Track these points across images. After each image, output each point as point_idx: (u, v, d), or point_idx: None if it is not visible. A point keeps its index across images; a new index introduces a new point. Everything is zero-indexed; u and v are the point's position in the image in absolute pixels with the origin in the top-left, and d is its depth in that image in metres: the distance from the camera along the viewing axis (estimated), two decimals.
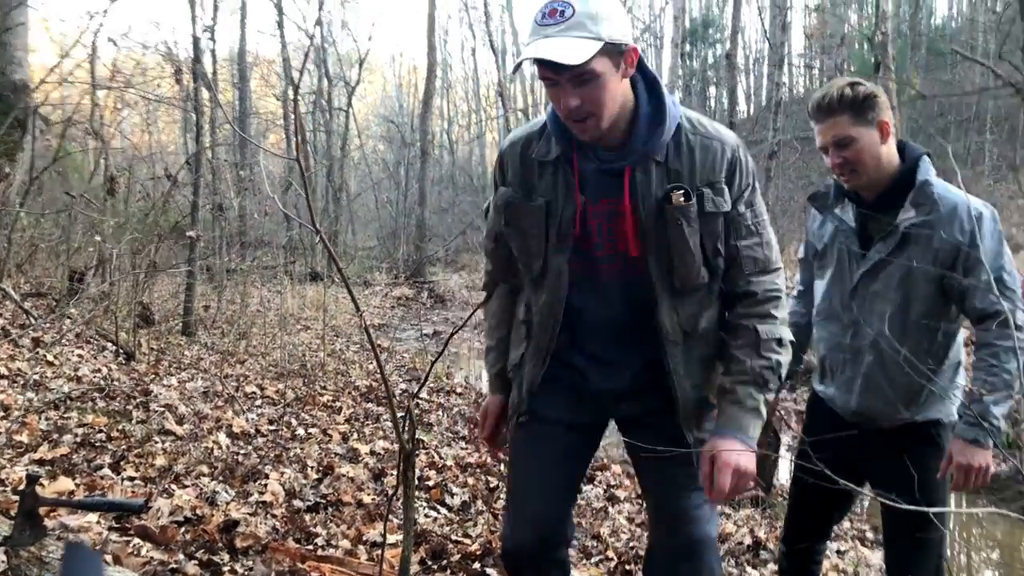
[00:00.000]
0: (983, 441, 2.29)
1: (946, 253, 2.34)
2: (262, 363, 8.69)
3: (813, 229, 2.72)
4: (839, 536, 5.00)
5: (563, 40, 1.71)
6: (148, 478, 3.92)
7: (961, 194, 2.35)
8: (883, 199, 2.44)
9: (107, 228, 8.03)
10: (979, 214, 2.33)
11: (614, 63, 1.79)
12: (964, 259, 2.32)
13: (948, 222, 2.33)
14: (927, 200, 2.35)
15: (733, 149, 1.95)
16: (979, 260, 2.26)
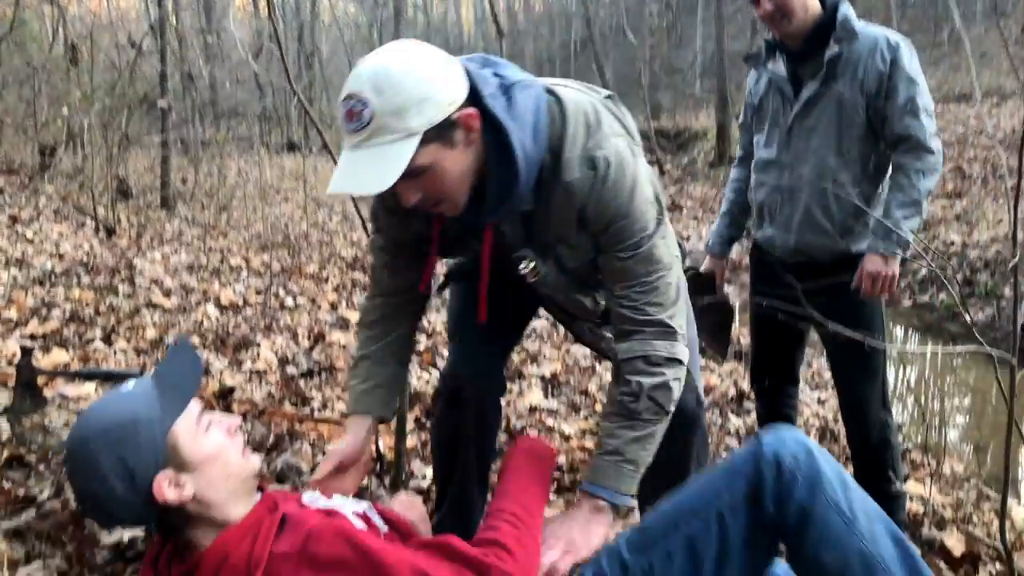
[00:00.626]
0: (890, 252, 2.48)
1: (870, 81, 2.49)
2: (245, 235, 8.65)
3: (751, 88, 2.88)
4: (820, 385, 5.18)
5: (367, 153, 1.42)
6: (140, 349, 3.96)
7: (879, 28, 2.55)
8: (809, 43, 2.59)
9: (74, 100, 7.77)
10: (897, 43, 2.49)
11: (445, 142, 1.47)
12: (885, 85, 2.48)
13: (870, 53, 2.50)
14: (848, 34, 2.52)
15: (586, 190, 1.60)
16: (897, 86, 2.45)
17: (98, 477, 1.18)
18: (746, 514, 1.43)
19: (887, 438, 2.68)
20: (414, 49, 1.47)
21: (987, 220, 8.26)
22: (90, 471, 1.19)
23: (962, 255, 7.61)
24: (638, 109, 22.16)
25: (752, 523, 1.43)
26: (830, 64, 2.54)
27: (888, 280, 2.51)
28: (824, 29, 2.56)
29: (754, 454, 1.45)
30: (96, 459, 1.19)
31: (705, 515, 1.45)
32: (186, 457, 1.24)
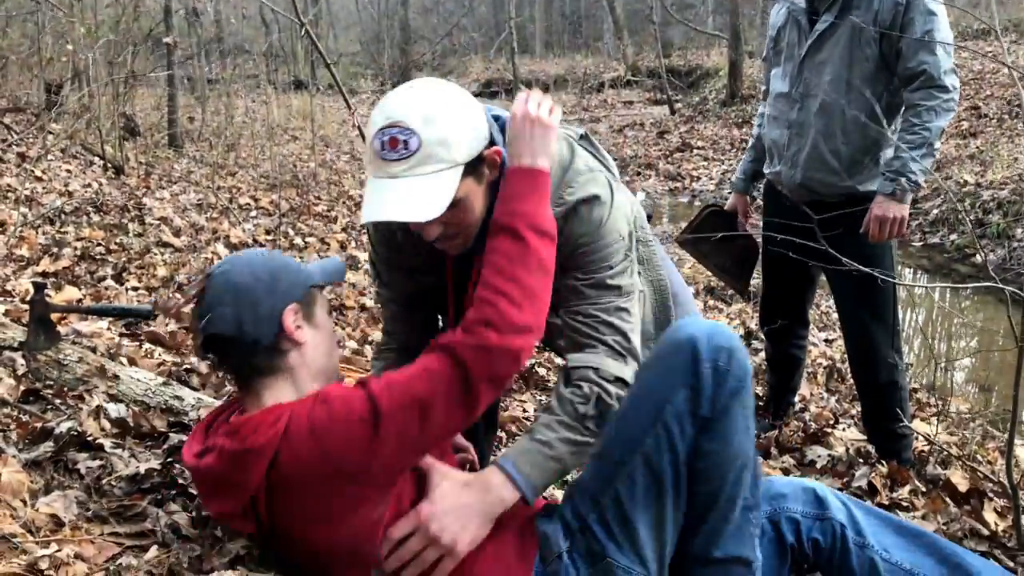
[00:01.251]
0: (900, 195, 2.45)
1: (886, 12, 2.44)
2: (253, 175, 8.62)
3: (772, 20, 2.85)
4: (827, 326, 5.19)
5: (412, 182, 1.43)
6: (151, 288, 3.98)
7: None
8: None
9: (78, 36, 7.66)
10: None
11: (476, 176, 1.52)
12: (901, 17, 2.42)
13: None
14: None
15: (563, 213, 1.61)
16: (913, 19, 2.40)
17: (249, 288, 1.43)
18: (688, 418, 1.46)
19: (895, 379, 2.69)
20: (447, 85, 1.52)
21: (1002, 160, 8.14)
22: (245, 282, 1.44)
23: (975, 195, 7.53)
24: (649, 46, 21.78)
25: (692, 427, 1.47)
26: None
27: (897, 223, 2.49)
28: None
29: (692, 358, 1.46)
30: (255, 272, 1.46)
31: (654, 429, 1.47)
32: (312, 311, 1.51)
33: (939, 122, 2.41)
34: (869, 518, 1.67)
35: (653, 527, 1.49)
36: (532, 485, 1.52)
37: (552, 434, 1.56)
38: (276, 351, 1.46)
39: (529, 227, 1.46)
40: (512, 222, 1.46)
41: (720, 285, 5.71)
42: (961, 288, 4.44)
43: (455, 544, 1.43)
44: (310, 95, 12.09)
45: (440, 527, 1.43)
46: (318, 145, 10.88)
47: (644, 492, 1.47)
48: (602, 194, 1.64)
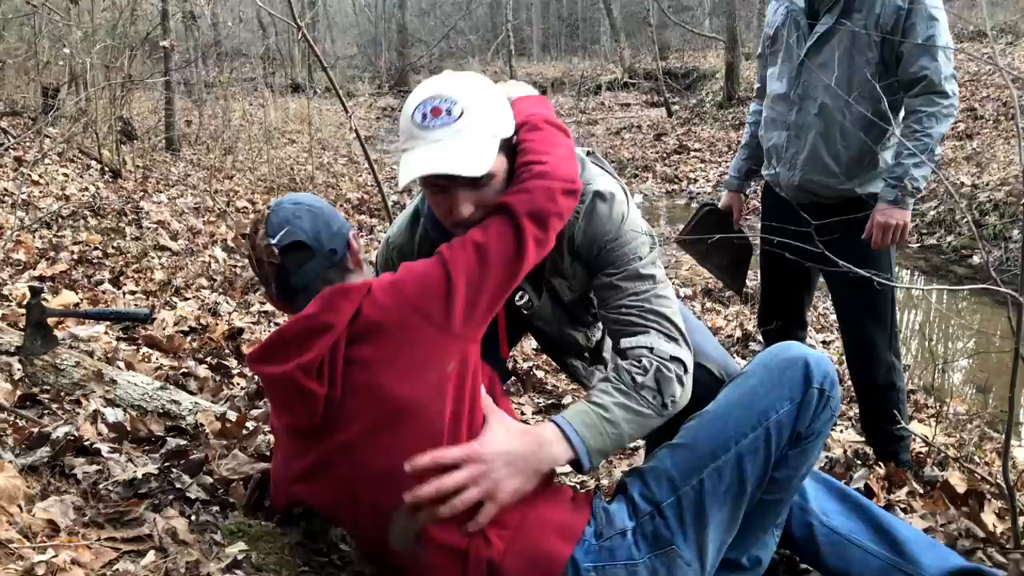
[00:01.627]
0: (902, 201, 2.45)
1: (887, 16, 2.42)
2: (250, 177, 8.62)
3: (769, 18, 2.81)
4: (824, 328, 5.19)
5: (458, 143, 1.48)
6: (149, 292, 3.98)
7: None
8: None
9: (75, 40, 7.66)
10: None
11: (507, 156, 1.57)
12: (903, 22, 2.41)
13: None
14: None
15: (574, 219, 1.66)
16: (915, 24, 2.39)
17: (319, 207, 1.58)
18: (788, 430, 1.50)
19: (893, 381, 2.69)
20: (478, 75, 1.60)
21: (998, 161, 8.16)
22: (314, 203, 1.59)
23: (972, 197, 7.54)
24: (646, 49, 21.79)
25: (788, 440, 1.51)
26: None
27: (900, 230, 2.48)
28: None
29: (804, 377, 1.51)
30: (316, 201, 1.61)
31: (755, 432, 1.50)
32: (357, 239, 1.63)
33: (940, 128, 2.41)
34: (816, 484, 1.73)
35: (723, 527, 1.51)
36: (586, 447, 1.50)
37: (609, 398, 1.55)
38: (345, 269, 1.56)
39: (547, 121, 1.63)
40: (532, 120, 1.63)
41: (718, 286, 5.72)
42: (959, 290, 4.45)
43: (497, 490, 1.42)
44: (307, 98, 12.08)
45: (487, 468, 1.41)
46: (316, 148, 10.87)
47: (726, 490, 1.50)
48: (618, 193, 1.69)
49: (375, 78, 23.11)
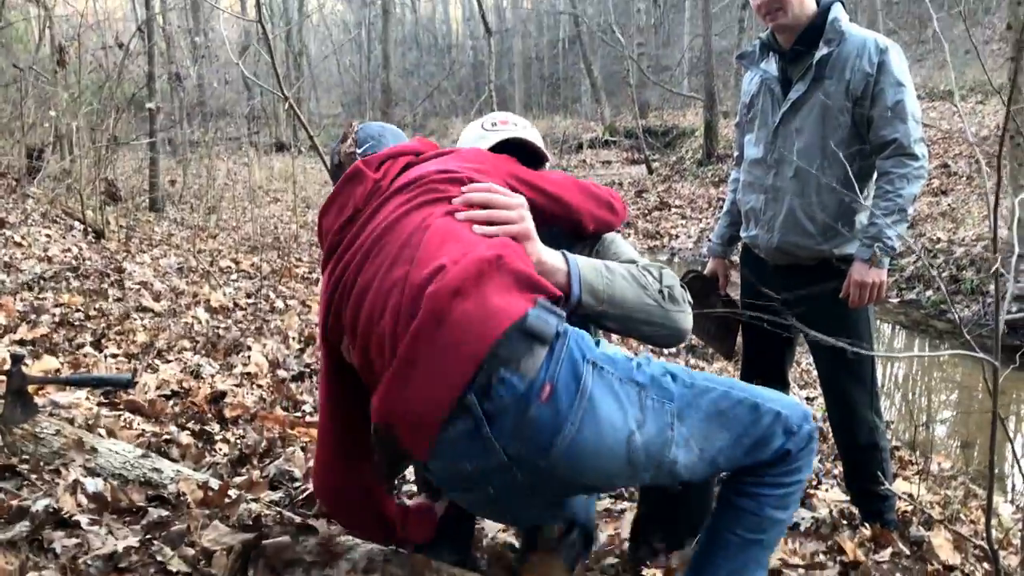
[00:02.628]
0: (877, 260, 2.49)
1: (857, 83, 2.51)
2: (234, 237, 8.63)
3: (745, 87, 2.90)
4: (808, 384, 5.21)
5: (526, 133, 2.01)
6: (131, 354, 3.95)
7: (869, 32, 2.58)
8: (801, 42, 2.62)
9: (61, 102, 7.73)
10: (886, 47, 2.51)
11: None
12: (872, 88, 2.50)
13: (858, 54, 2.52)
14: (837, 35, 2.55)
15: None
16: (884, 90, 2.48)
17: (395, 129, 1.98)
18: (781, 439, 1.55)
19: (876, 441, 2.70)
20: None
21: (973, 217, 8.31)
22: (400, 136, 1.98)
23: (948, 252, 7.66)
24: (626, 107, 22.17)
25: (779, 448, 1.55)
26: (819, 65, 2.57)
27: (876, 289, 2.53)
28: (816, 30, 2.58)
29: (808, 439, 1.58)
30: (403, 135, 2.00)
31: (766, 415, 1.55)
32: None
33: (911, 189, 2.47)
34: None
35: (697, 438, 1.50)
36: (580, 271, 1.63)
37: (613, 263, 1.74)
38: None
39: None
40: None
41: (702, 343, 5.74)
42: (936, 355, 4.50)
43: (522, 218, 1.62)
44: (292, 157, 12.18)
45: (527, 216, 1.64)
46: (300, 206, 10.93)
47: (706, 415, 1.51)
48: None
49: None
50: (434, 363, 1.38)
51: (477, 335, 1.37)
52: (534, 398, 1.36)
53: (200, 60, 13.58)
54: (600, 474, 1.43)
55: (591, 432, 1.37)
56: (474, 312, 1.39)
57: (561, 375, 1.38)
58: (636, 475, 1.46)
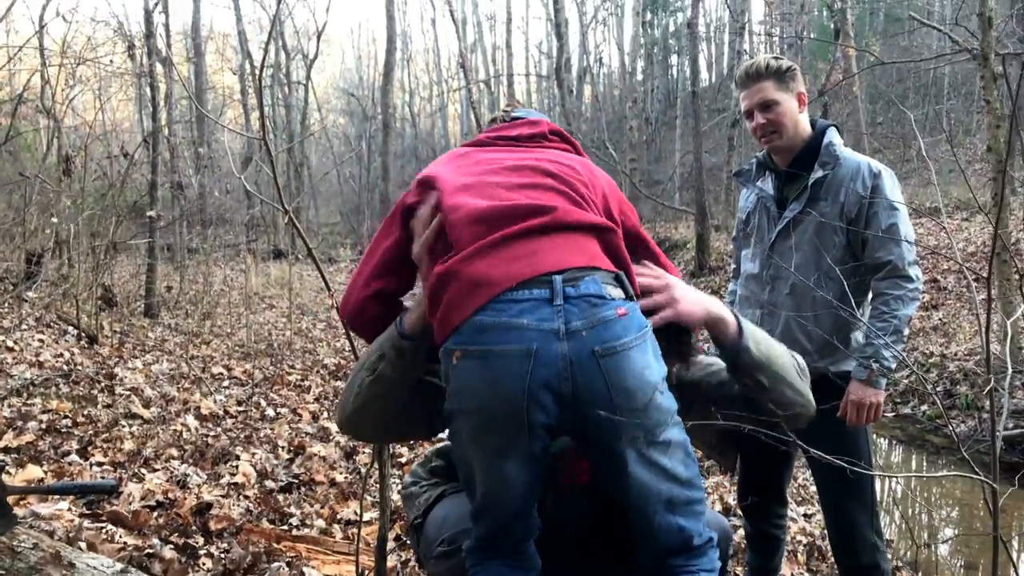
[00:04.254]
0: (874, 380, 2.51)
1: (851, 205, 2.58)
2: (228, 343, 8.61)
3: (742, 203, 2.98)
4: (805, 500, 5.11)
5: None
6: (117, 463, 3.88)
7: (862, 156, 2.66)
8: (796, 164, 2.70)
9: (63, 208, 7.85)
10: (879, 171, 2.59)
11: None
12: (866, 211, 2.57)
13: (852, 177, 2.59)
14: (832, 158, 2.63)
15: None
16: (877, 213, 2.55)
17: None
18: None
19: (877, 562, 2.64)
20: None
21: (964, 332, 8.36)
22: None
23: (941, 367, 7.67)
24: None
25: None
26: (814, 187, 2.63)
27: (873, 408, 2.53)
28: (812, 152, 2.66)
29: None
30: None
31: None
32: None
33: (906, 310, 2.51)
34: None
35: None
36: (745, 326, 1.77)
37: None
38: None
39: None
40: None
41: (700, 456, 5.66)
42: (936, 477, 4.46)
43: (675, 300, 1.71)
44: (289, 264, 12.30)
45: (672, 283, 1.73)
46: (295, 313, 10.96)
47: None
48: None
49: (356, 244, 23.64)
50: (535, 249, 1.51)
51: (585, 253, 1.54)
52: (611, 307, 1.48)
53: (203, 170, 13.89)
54: (628, 399, 1.47)
55: (639, 358, 1.48)
56: (587, 246, 1.56)
57: (634, 312, 1.52)
58: (641, 429, 1.50)
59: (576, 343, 1.43)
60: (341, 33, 44.33)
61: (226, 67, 28.39)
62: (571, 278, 1.47)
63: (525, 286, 1.45)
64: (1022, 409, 6.24)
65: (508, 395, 1.43)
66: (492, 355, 1.44)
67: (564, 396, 1.44)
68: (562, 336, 1.43)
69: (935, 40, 19.95)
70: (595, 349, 1.43)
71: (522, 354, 1.42)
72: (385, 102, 24.28)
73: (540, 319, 1.43)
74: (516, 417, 1.44)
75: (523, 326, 1.42)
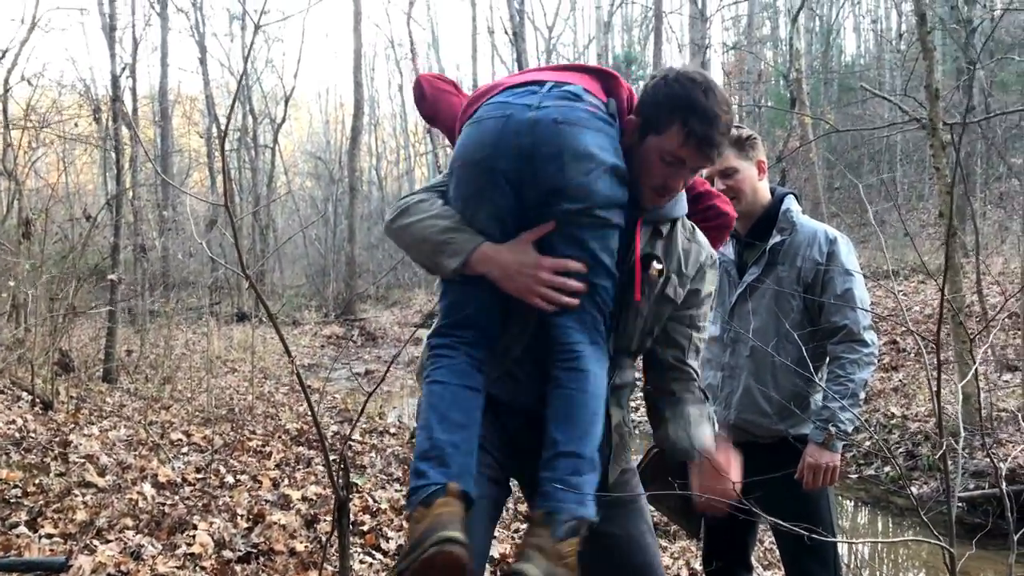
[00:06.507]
0: (830, 443, 2.54)
1: (807, 270, 2.65)
2: (188, 408, 8.46)
3: None
4: (772, 564, 5.09)
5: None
6: (68, 534, 3.76)
7: (819, 223, 2.75)
8: (755, 230, 2.77)
9: (22, 272, 7.74)
10: (835, 238, 2.67)
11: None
12: (822, 276, 2.63)
13: (808, 243, 2.67)
14: (789, 224, 2.70)
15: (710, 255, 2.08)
16: (833, 278, 2.61)
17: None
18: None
19: None
20: None
21: (924, 393, 8.47)
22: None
23: (903, 427, 7.75)
24: None
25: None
26: (772, 252, 2.70)
27: (830, 471, 2.55)
28: (771, 219, 2.74)
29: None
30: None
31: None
32: None
33: (862, 374, 2.56)
34: None
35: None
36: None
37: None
38: None
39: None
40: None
41: (664, 521, 5.63)
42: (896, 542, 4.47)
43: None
44: (252, 327, 12.18)
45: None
46: (257, 377, 10.82)
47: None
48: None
49: (322, 307, 23.50)
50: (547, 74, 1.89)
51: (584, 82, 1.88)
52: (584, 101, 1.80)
53: (167, 232, 13.83)
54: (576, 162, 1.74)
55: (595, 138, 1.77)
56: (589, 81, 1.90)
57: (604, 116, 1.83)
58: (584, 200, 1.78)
59: (543, 113, 1.76)
60: (309, 98, 44.73)
61: (193, 130, 28.49)
62: (561, 84, 1.82)
63: (524, 86, 1.83)
64: (982, 470, 6.30)
65: (482, 146, 1.79)
66: (481, 121, 1.81)
67: (523, 148, 1.74)
68: (534, 108, 1.77)
69: (887, 110, 20.66)
70: (556, 118, 1.75)
71: (499, 117, 1.78)
72: (352, 166, 24.46)
73: (522, 99, 1.79)
74: (484, 163, 1.79)
75: (508, 103, 1.80)
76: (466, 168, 1.84)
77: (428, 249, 1.89)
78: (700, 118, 1.79)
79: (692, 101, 1.79)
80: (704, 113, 1.79)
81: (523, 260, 1.80)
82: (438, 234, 1.86)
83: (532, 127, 1.74)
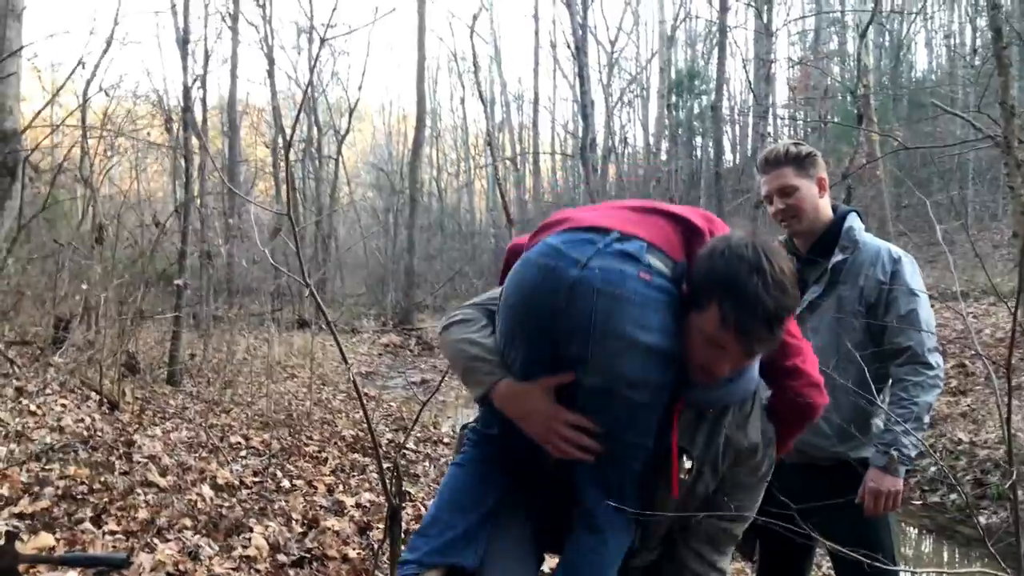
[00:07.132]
0: (892, 468, 2.47)
1: (870, 290, 2.59)
2: (248, 412, 8.62)
3: None
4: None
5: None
6: (130, 532, 3.86)
7: (883, 242, 2.69)
8: (816, 248, 2.71)
9: (94, 275, 8.00)
10: (899, 257, 2.61)
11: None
12: (885, 296, 2.57)
13: (871, 263, 2.61)
14: (852, 243, 2.64)
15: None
16: (897, 299, 2.55)
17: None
18: None
19: None
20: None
21: (994, 419, 8.18)
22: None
23: (971, 454, 7.48)
24: None
25: None
26: (834, 271, 2.64)
27: (892, 497, 2.47)
28: (832, 237, 2.68)
29: None
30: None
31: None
32: None
33: (926, 397, 2.48)
34: None
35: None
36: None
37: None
38: None
39: None
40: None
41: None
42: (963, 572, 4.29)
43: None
44: (312, 334, 12.37)
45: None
46: (316, 383, 10.98)
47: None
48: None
49: (380, 316, 23.78)
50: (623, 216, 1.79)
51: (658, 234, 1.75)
52: (637, 267, 1.66)
53: (232, 240, 14.15)
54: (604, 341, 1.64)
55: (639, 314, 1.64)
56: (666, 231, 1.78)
57: (661, 285, 1.67)
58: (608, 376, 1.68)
59: (587, 274, 1.63)
60: (372, 109, 45.36)
61: (260, 141, 29.17)
62: (625, 238, 1.68)
63: (591, 231, 1.70)
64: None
65: (521, 294, 1.73)
66: (527, 263, 1.73)
67: (557, 310, 1.65)
68: (580, 266, 1.64)
69: (958, 127, 20.09)
70: (597, 287, 1.62)
71: (544, 267, 1.68)
72: (413, 177, 24.74)
73: (575, 250, 1.67)
74: (518, 311, 1.74)
75: (560, 252, 1.68)
76: (504, 308, 1.81)
77: (459, 370, 1.92)
78: (739, 303, 1.59)
79: (734, 282, 1.60)
80: (745, 298, 1.59)
81: (538, 407, 1.75)
82: (467, 360, 1.86)
83: (570, 291, 1.63)
